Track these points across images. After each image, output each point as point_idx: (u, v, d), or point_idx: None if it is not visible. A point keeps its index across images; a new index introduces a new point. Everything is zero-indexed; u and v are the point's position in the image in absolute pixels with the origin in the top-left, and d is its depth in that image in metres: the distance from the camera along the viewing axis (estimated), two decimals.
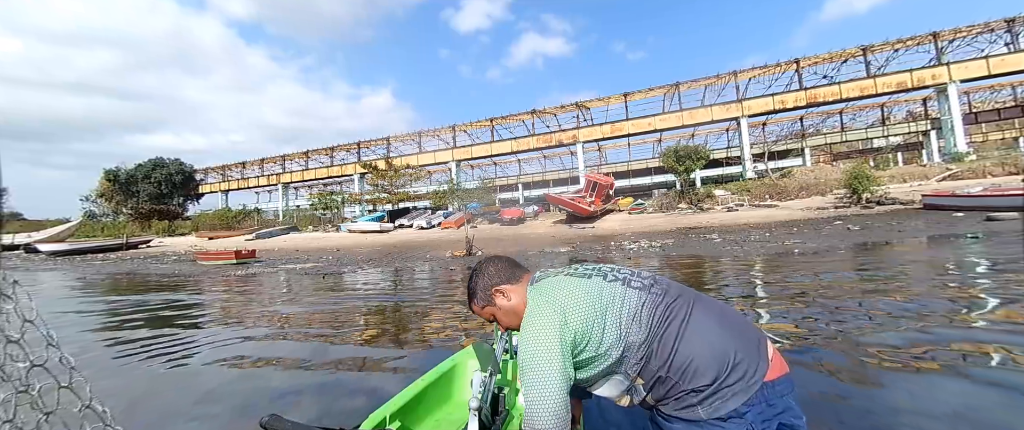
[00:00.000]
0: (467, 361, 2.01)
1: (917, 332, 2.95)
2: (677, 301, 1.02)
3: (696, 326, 0.97)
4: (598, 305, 1.01)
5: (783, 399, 0.94)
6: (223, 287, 8.76)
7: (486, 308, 1.22)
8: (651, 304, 1.01)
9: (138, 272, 13.48)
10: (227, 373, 3.15)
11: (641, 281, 1.07)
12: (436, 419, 1.70)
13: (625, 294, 1.03)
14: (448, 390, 1.89)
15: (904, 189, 17.74)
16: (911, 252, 7.29)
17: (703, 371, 0.92)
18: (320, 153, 42.20)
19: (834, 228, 11.72)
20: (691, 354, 0.94)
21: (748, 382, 0.91)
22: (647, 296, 1.02)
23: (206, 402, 2.60)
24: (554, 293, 1.04)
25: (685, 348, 0.95)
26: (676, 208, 21.57)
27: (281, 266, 12.96)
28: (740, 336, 0.97)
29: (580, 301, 1.01)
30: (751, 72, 28.08)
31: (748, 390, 0.91)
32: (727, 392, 0.91)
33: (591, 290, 1.04)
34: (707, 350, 0.94)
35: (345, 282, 8.53)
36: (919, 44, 25.34)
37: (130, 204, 42.26)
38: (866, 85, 25.91)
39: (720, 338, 0.95)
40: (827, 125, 40.25)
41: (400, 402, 1.52)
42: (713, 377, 0.92)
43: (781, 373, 0.96)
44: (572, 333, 0.98)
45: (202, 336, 4.36)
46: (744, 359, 0.93)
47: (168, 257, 19.89)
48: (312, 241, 22.88)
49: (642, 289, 1.04)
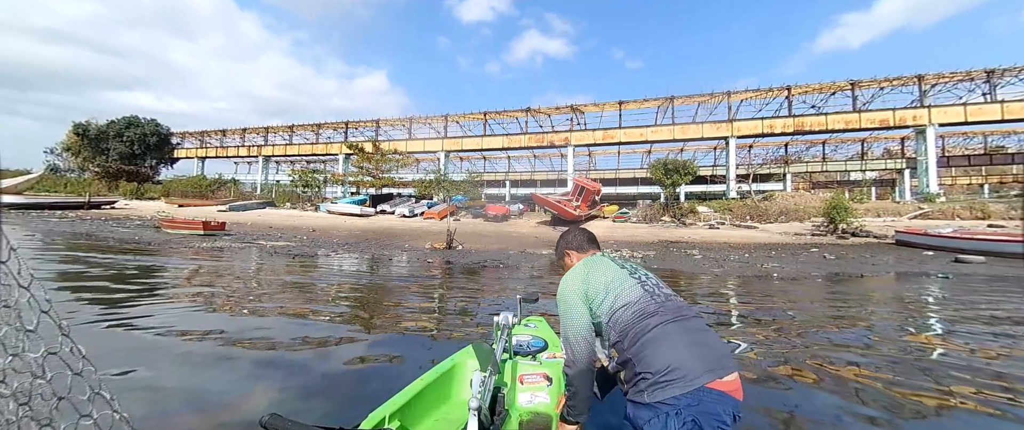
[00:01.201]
0: (466, 361, 2.03)
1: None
2: (662, 313, 1.25)
3: (664, 333, 1.20)
4: (610, 285, 1.35)
5: (714, 405, 1.09)
6: (183, 259, 8.27)
7: (561, 259, 1.70)
8: (643, 304, 1.28)
9: (96, 234, 12.71)
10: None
11: (652, 289, 1.34)
12: (435, 419, 1.71)
13: (632, 288, 1.33)
14: (447, 390, 1.90)
15: (878, 223, 18.31)
16: (884, 286, 7.41)
17: (654, 362, 1.15)
18: (306, 129, 40.96)
19: (810, 255, 11.93)
20: (651, 349, 1.18)
21: (687, 381, 1.10)
22: (647, 299, 1.29)
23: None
24: (590, 266, 1.44)
25: (649, 344, 1.19)
26: (660, 220, 21.74)
27: (253, 241, 12.42)
28: (698, 353, 1.16)
29: (600, 275, 1.38)
30: (743, 94, 28.56)
31: (685, 388, 1.10)
32: (667, 383, 1.11)
33: (614, 274, 1.39)
34: (664, 350, 1.17)
35: (319, 264, 8.17)
36: (904, 84, 26.25)
37: (98, 161, 40.16)
38: (851, 119, 26.68)
39: (677, 347, 1.16)
40: (810, 154, 41.46)
41: (400, 402, 1.53)
42: (660, 369, 1.14)
43: (727, 390, 1.12)
44: (585, 292, 1.38)
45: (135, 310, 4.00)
46: (693, 368, 1.12)
47: (131, 220, 18.89)
48: (288, 219, 22.14)
49: (646, 293, 1.31)
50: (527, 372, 2.05)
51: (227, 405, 2.25)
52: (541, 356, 2.19)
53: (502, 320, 2.01)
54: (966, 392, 2.64)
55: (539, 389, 1.98)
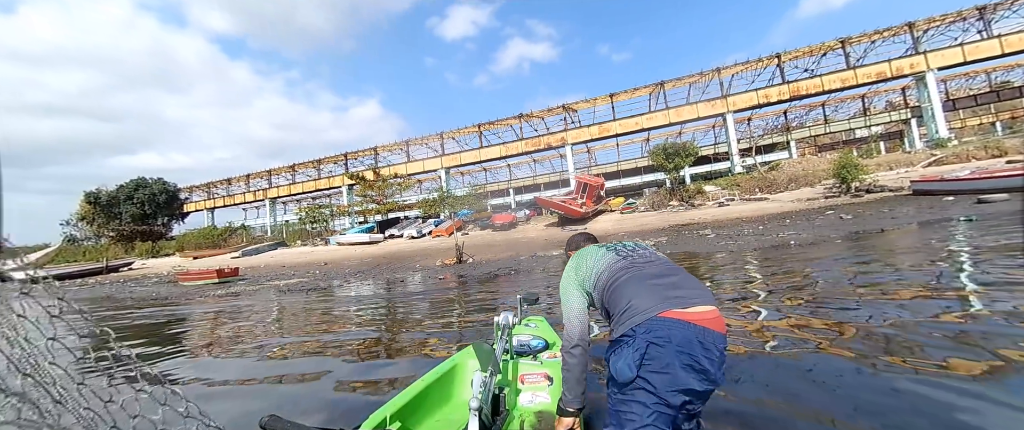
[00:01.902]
0: (467, 361, 2.01)
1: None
2: (632, 268, 1.43)
3: (629, 279, 1.39)
4: (595, 264, 1.53)
5: (668, 330, 1.21)
6: (195, 306, 8.34)
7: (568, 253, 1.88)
8: (617, 266, 1.46)
9: (115, 296, 12.92)
10: None
11: (627, 255, 1.52)
12: (436, 419, 1.70)
13: (610, 260, 1.51)
14: (448, 390, 1.89)
15: (891, 176, 17.87)
16: (906, 237, 7.17)
17: (619, 303, 1.36)
18: (307, 166, 41.52)
19: (826, 218, 11.65)
20: (617, 294, 1.39)
21: (642, 313, 1.27)
22: (621, 262, 1.48)
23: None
24: (580, 257, 1.61)
25: (615, 290, 1.40)
26: (667, 206, 21.50)
27: (266, 283, 12.51)
28: (655, 291, 1.32)
29: (588, 260, 1.56)
30: (734, 68, 28.31)
31: (641, 318, 1.26)
32: (627, 318, 1.30)
33: (598, 255, 1.56)
34: (626, 293, 1.36)
35: (334, 295, 8.17)
36: (895, 34, 25.78)
37: (112, 226, 41.07)
38: (847, 76, 26.25)
39: (638, 289, 1.34)
40: (810, 118, 40.80)
41: (400, 402, 1.52)
42: (623, 307, 1.33)
43: (689, 319, 1.23)
44: (580, 275, 1.55)
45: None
46: (648, 302, 1.29)
47: (148, 279, 19.22)
48: (299, 256, 22.35)
49: (620, 258, 1.50)
50: (528, 372, 2.04)
51: None
52: (542, 356, 2.17)
53: (502, 320, 2.00)
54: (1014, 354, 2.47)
55: (540, 389, 1.97)
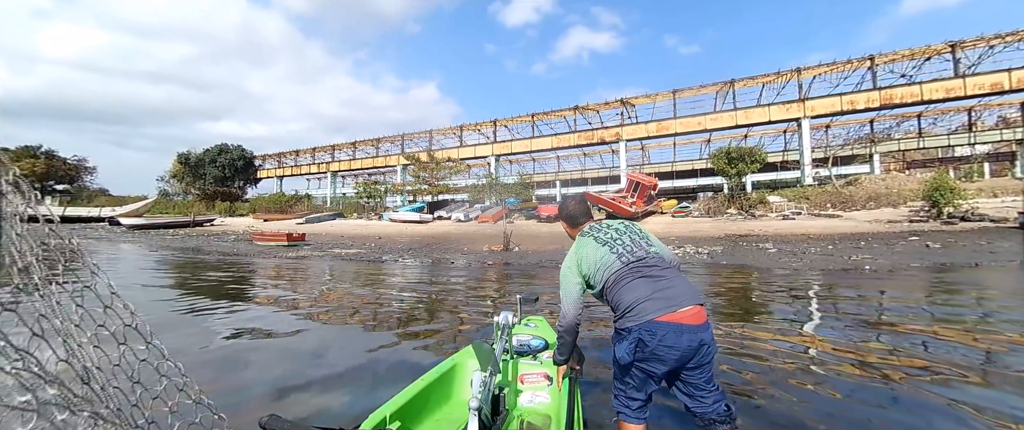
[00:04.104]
0: (467, 361, 2.02)
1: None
2: (631, 273, 1.62)
3: (631, 285, 1.59)
4: (597, 262, 1.69)
5: (657, 329, 1.47)
6: (274, 272, 9.26)
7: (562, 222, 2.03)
8: (616, 268, 1.65)
9: (202, 248, 14.61)
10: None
11: (626, 256, 1.67)
12: (436, 419, 1.71)
13: (611, 261, 1.67)
14: (448, 390, 1.90)
15: (994, 204, 15.78)
16: (1005, 277, 6.42)
17: (621, 304, 1.58)
18: (366, 144, 43.84)
19: (909, 244, 10.61)
20: (620, 296, 1.60)
21: (640, 317, 1.50)
22: (619, 264, 1.65)
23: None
24: (581, 248, 1.76)
25: (619, 292, 1.60)
26: (725, 213, 20.44)
27: (329, 249, 13.57)
28: (656, 298, 1.53)
29: (589, 257, 1.72)
30: (817, 69, 25.95)
31: (638, 321, 1.51)
32: (627, 318, 1.54)
33: (598, 253, 1.71)
34: (628, 296, 1.57)
35: (392, 271, 8.75)
36: (1021, 40, 22.31)
37: (198, 185, 46.04)
38: (953, 86, 23.17)
39: (639, 294, 1.55)
40: (901, 129, 36.56)
41: (400, 402, 1.53)
42: (624, 307, 1.56)
43: (676, 319, 1.48)
44: (582, 270, 1.72)
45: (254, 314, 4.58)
46: (645, 307, 1.51)
47: (228, 235, 21.45)
48: (356, 228, 23.83)
49: (619, 261, 1.66)
50: (528, 372, 2.04)
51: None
52: (542, 356, 2.15)
53: (502, 320, 2.00)
54: None
55: (540, 389, 1.97)
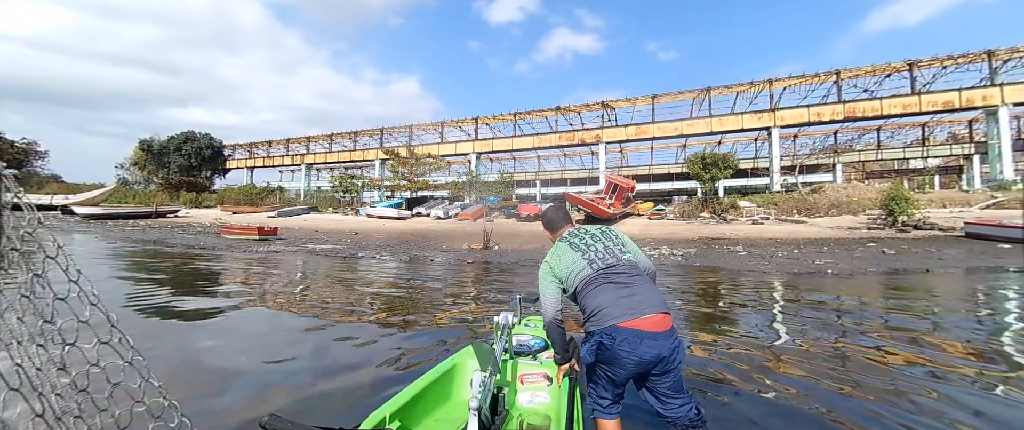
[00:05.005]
0: (467, 361, 2.02)
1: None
2: (600, 278, 1.70)
3: (598, 290, 1.68)
4: (569, 267, 1.77)
5: (619, 334, 1.56)
6: (245, 265, 8.93)
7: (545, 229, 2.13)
8: (586, 274, 1.72)
9: (165, 240, 13.92)
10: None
11: (596, 263, 1.75)
12: (436, 419, 1.71)
13: (582, 267, 1.74)
14: (448, 390, 1.90)
15: (944, 214, 16.88)
16: (951, 282, 6.89)
17: (588, 307, 1.67)
18: (344, 137, 42.75)
19: (867, 250, 11.23)
20: (588, 300, 1.68)
21: (601, 320, 1.60)
22: (589, 270, 1.73)
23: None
24: (556, 253, 1.85)
25: (587, 296, 1.69)
26: (698, 217, 21.06)
27: (302, 245, 13.19)
28: (619, 304, 1.61)
29: (562, 261, 1.80)
30: (787, 81, 27.09)
31: (599, 324, 1.61)
32: (593, 321, 1.64)
33: (571, 259, 1.79)
34: (595, 301, 1.65)
35: (369, 266, 8.58)
36: (971, 62, 23.93)
37: (161, 174, 43.72)
38: (909, 102, 24.69)
39: (603, 300, 1.64)
40: (862, 141, 38.63)
41: (400, 402, 1.53)
42: (591, 311, 1.65)
43: (639, 326, 1.55)
44: (556, 273, 1.80)
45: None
46: (610, 312, 1.59)
47: (193, 228, 20.50)
48: (331, 223, 23.25)
49: (590, 268, 1.73)
50: (527, 372, 2.04)
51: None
52: (541, 356, 2.15)
53: (502, 320, 2.01)
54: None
55: (539, 389, 1.97)
